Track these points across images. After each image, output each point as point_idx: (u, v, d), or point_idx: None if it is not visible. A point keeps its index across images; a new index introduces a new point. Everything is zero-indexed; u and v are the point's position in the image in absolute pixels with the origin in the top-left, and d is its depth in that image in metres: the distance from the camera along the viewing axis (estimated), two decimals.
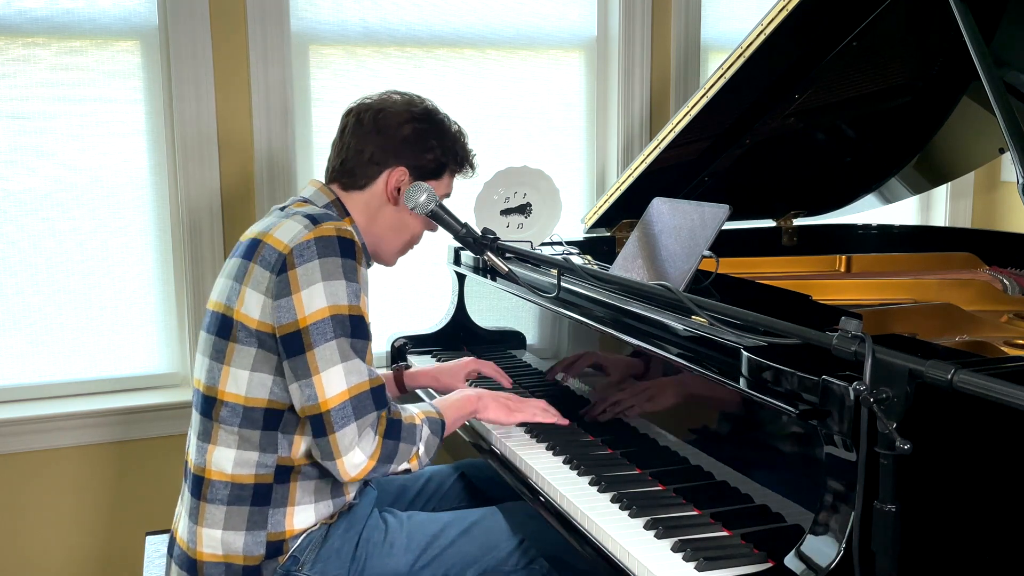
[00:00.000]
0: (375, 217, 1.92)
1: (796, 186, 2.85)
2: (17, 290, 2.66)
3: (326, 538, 1.78)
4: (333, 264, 1.69)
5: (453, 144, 1.96)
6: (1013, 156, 1.78)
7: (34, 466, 2.67)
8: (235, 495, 1.74)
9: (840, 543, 1.26)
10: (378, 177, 1.90)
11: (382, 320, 2.94)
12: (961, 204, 3.68)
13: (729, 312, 1.48)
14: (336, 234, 1.71)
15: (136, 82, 2.67)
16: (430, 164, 1.92)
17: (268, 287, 1.70)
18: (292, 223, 1.74)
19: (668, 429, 1.75)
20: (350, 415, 1.65)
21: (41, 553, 2.70)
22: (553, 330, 2.23)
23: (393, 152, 1.89)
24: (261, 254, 1.73)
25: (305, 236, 1.70)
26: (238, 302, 1.74)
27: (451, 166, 1.97)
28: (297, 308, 1.67)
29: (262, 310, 1.71)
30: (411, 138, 1.90)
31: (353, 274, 1.71)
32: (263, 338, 1.71)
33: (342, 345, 1.67)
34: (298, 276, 1.68)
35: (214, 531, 1.74)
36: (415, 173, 1.91)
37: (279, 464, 1.74)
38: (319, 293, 1.67)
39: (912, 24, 2.38)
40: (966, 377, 1.07)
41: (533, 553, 1.86)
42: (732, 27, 3.28)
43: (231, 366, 1.74)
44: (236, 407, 1.73)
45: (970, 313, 1.95)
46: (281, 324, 1.68)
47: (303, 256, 1.68)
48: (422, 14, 2.92)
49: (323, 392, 1.65)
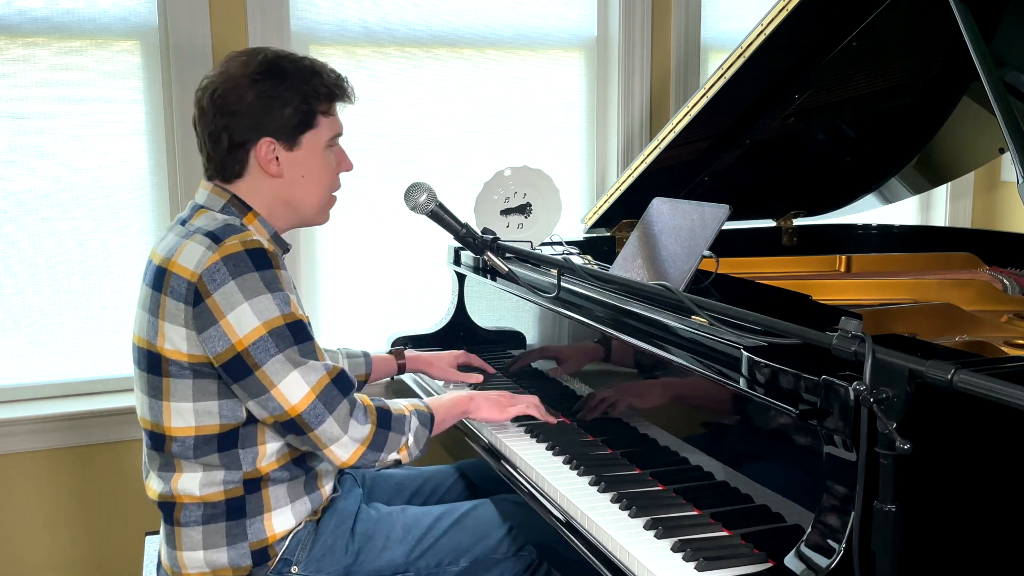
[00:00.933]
0: (272, 197, 1.78)
1: (796, 186, 2.85)
2: (17, 290, 2.66)
3: (316, 535, 1.78)
4: (251, 280, 1.61)
5: (307, 85, 1.75)
6: (1013, 156, 1.78)
7: (34, 466, 2.67)
8: (208, 514, 1.71)
9: (840, 543, 1.26)
10: (248, 158, 1.74)
11: (382, 320, 2.95)
12: (961, 204, 3.68)
13: (729, 312, 1.49)
14: (243, 248, 1.63)
15: (136, 82, 2.67)
16: (295, 120, 1.74)
17: (186, 319, 1.63)
18: (194, 245, 1.64)
19: (668, 429, 1.75)
20: (323, 411, 1.65)
21: (41, 553, 2.70)
22: (553, 330, 2.23)
23: (248, 127, 1.72)
24: (170, 285, 1.64)
25: (211, 259, 1.61)
26: (159, 338, 1.66)
27: (319, 107, 1.77)
28: (229, 333, 1.61)
29: (188, 343, 1.64)
30: (258, 104, 1.71)
31: (275, 283, 1.64)
32: (198, 368, 1.66)
33: (290, 356, 1.63)
34: (217, 303, 1.60)
35: (195, 553, 1.72)
36: (284, 136, 1.74)
37: (246, 478, 1.71)
38: (246, 313, 1.60)
39: (912, 24, 2.38)
40: (966, 377, 1.07)
41: (522, 540, 1.87)
42: (732, 27, 3.28)
43: (171, 401, 1.68)
44: (186, 440, 1.69)
45: (970, 313, 1.94)
46: (217, 353, 1.62)
47: (215, 280, 1.60)
48: (422, 14, 2.92)
49: (287, 401, 1.63)
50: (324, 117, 1.78)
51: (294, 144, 1.76)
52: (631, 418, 1.87)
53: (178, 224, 1.76)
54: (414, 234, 2.94)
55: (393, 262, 3.00)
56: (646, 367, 1.84)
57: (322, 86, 1.77)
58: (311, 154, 1.78)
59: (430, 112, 2.98)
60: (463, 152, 3.03)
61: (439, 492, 2.13)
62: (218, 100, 1.72)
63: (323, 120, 1.78)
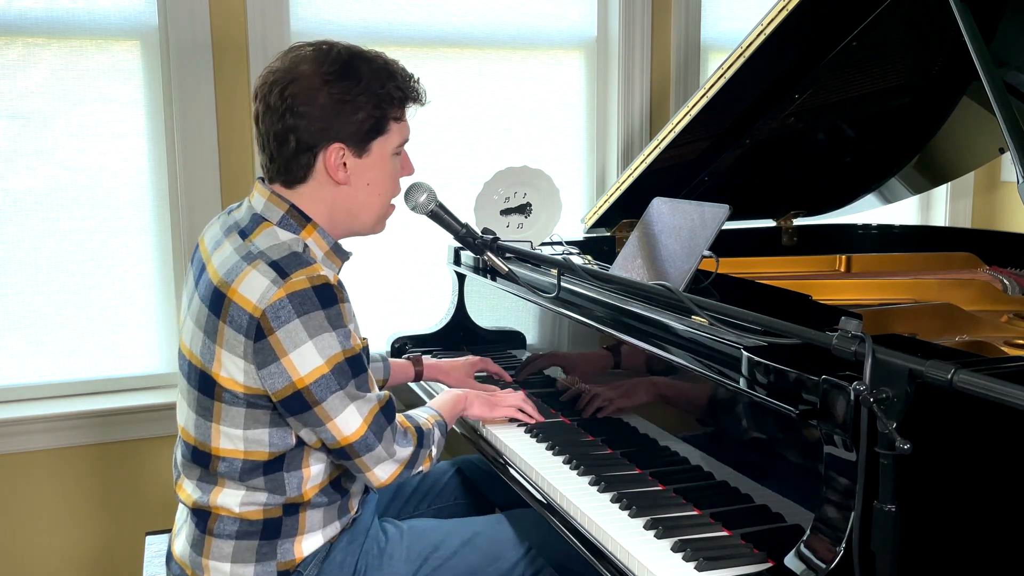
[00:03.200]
0: (334, 205, 1.70)
1: (796, 186, 2.85)
2: (17, 290, 2.66)
3: (329, 553, 1.76)
4: (316, 319, 1.56)
5: (383, 89, 1.66)
6: (1013, 156, 1.78)
7: (34, 466, 2.67)
8: (244, 531, 1.68)
9: (840, 543, 1.26)
10: (315, 164, 1.66)
11: (382, 320, 2.95)
12: (961, 204, 3.68)
13: (729, 312, 1.48)
14: (310, 285, 1.56)
15: (136, 82, 2.67)
16: (366, 125, 1.66)
17: (246, 353, 1.57)
18: (257, 275, 1.56)
19: (668, 429, 1.75)
20: (373, 440, 1.64)
21: (41, 553, 2.70)
22: (553, 330, 2.23)
23: (319, 130, 1.63)
24: (229, 313, 1.57)
25: (276, 295, 1.54)
26: (215, 364, 1.60)
27: (392, 113, 1.69)
28: (290, 371, 1.56)
29: (245, 376, 1.59)
30: (331, 107, 1.62)
31: (339, 320, 1.59)
32: (253, 400, 1.62)
33: (349, 391, 1.61)
34: (280, 341, 1.54)
35: (222, 564, 1.69)
36: (354, 142, 1.66)
37: (287, 502, 1.69)
38: (310, 352, 1.56)
39: (912, 24, 2.38)
40: (966, 377, 1.07)
41: (540, 563, 1.83)
42: (732, 27, 3.28)
43: (221, 425, 1.64)
44: (234, 461, 1.66)
45: (970, 313, 1.95)
46: (276, 390, 1.58)
47: (280, 318, 1.54)
48: (422, 14, 2.92)
49: (340, 432, 1.61)
50: (396, 123, 1.71)
51: (364, 151, 1.68)
52: (631, 418, 1.87)
53: (236, 231, 1.67)
54: (414, 234, 2.94)
55: (393, 262, 3.00)
56: (646, 367, 1.84)
57: (396, 90, 1.68)
58: (379, 161, 1.70)
59: (430, 112, 2.97)
60: (463, 152, 3.03)
61: (436, 489, 2.13)
62: (288, 99, 1.62)
63: (394, 126, 1.70)
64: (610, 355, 1.96)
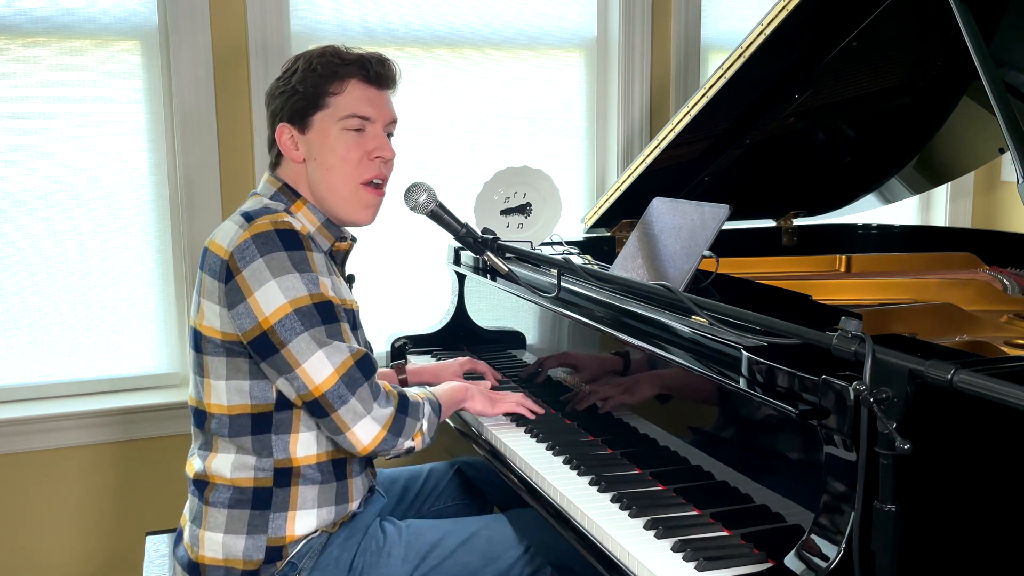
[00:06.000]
0: (309, 184, 1.82)
1: (796, 186, 2.85)
2: (17, 290, 2.66)
3: (325, 547, 1.77)
4: (279, 259, 1.65)
5: (310, 67, 1.79)
6: (1013, 156, 1.78)
7: (34, 466, 2.67)
8: (235, 499, 1.73)
9: (840, 543, 1.26)
10: (276, 145, 1.84)
11: (382, 320, 2.95)
12: (961, 204, 3.68)
13: (729, 312, 1.48)
14: (272, 228, 1.66)
15: (136, 82, 2.67)
16: (302, 102, 1.79)
17: (220, 297, 1.68)
18: (229, 224, 1.71)
19: (668, 429, 1.75)
20: (345, 392, 1.66)
21: (41, 553, 2.70)
22: (553, 330, 2.23)
23: (272, 115, 1.84)
24: (208, 262, 1.70)
25: (241, 237, 1.66)
26: (199, 315, 1.73)
27: (328, 88, 1.78)
28: (255, 311, 1.64)
29: (221, 321, 1.69)
30: (278, 93, 1.82)
31: (304, 264, 1.67)
32: (230, 347, 1.70)
33: (315, 335, 1.65)
34: (246, 279, 1.64)
35: (216, 534, 1.74)
36: (297, 119, 1.80)
37: (277, 467, 1.73)
38: (273, 291, 1.64)
39: (912, 24, 2.38)
40: (966, 377, 1.07)
41: (539, 563, 1.84)
42: (732, 27, 3.28)
43: (210, 378, 1.74)
44: (223, 417, 1.73)
45: (970, 313, 1.94)
46: (244, 331, 1.66)
47: (244, 257, 1.64)
48: (422, 14, 2.92)
49: (311, 380, 1.65)
50: (335, 96, 1.79)
51: (306, 126, 1.80)
52: (631, 418, 1.87)
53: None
54: (414, 234, 2.94)
55: (393, 262, 3.00)
56: (646, 367, 1.84)
57: (323, 66, 1.78)
58: (323, 135, 1.79)
59: (430, 112, 2.98)
60: (463, 152, 3.03)
61: (438, 489, 2.13)
62: (266, 96, 1.86)
63: (334, 100, 1.79)
64: (610, 355, 1.96)
